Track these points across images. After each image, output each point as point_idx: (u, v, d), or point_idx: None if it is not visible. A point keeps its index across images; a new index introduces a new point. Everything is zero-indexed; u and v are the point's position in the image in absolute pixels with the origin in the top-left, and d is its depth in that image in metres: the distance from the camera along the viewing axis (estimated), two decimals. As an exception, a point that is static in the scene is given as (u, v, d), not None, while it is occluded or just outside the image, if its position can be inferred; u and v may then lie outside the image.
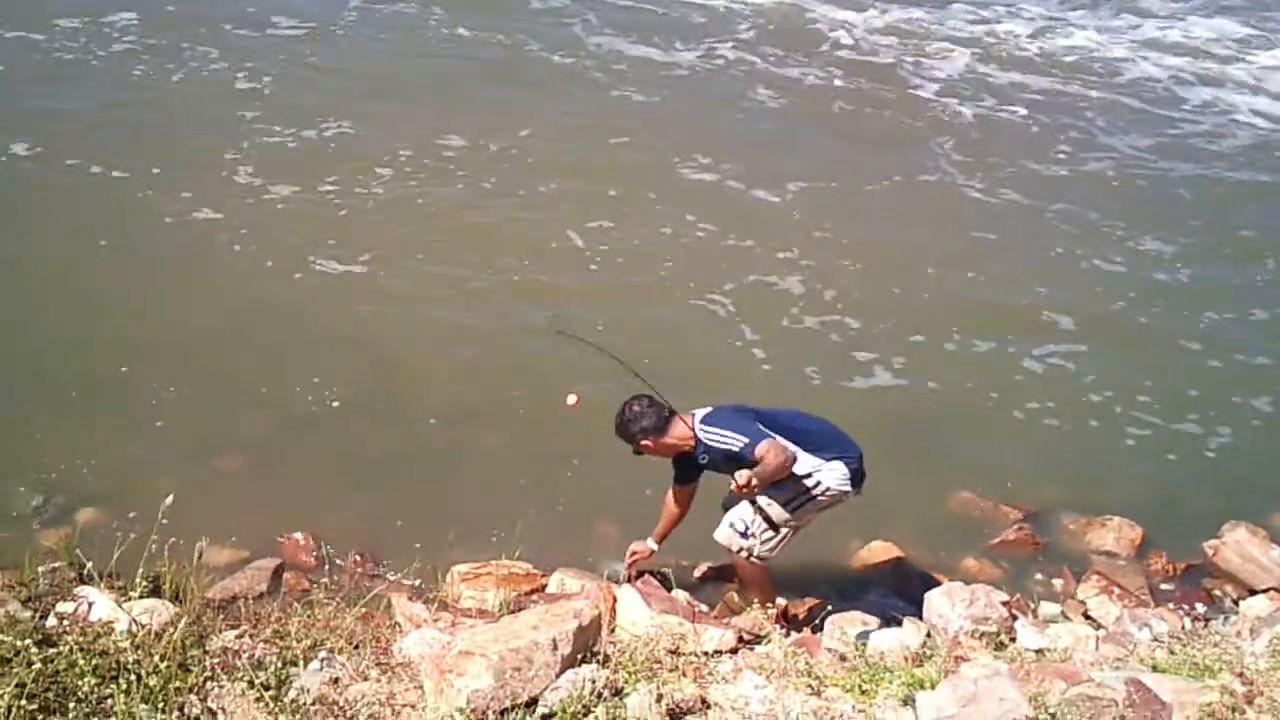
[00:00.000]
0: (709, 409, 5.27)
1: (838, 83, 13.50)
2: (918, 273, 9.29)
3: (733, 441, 5.05)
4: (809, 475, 5.22)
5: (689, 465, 5.39)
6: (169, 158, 9.87)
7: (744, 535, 5.32)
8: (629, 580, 5.42)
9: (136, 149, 9.99)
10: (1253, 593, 6.20)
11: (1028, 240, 10.12)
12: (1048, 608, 5.94)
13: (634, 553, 5.61)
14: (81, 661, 3.76)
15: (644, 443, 5.26)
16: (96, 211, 9.02)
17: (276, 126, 10.67)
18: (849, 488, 5.27)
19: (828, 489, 5.23)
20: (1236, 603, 6.15)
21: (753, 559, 5.40)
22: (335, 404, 7.10)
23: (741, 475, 4.90)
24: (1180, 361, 8.49)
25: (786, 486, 5.21)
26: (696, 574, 6.04)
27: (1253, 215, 10.97)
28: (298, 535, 6.01)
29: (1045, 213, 10.62)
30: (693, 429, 5.20)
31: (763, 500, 5.24)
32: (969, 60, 14.64)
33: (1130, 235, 10.24)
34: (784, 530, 5.32)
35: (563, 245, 9.24)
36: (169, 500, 4.91)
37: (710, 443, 5.14)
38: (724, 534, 5.42)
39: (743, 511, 5.34)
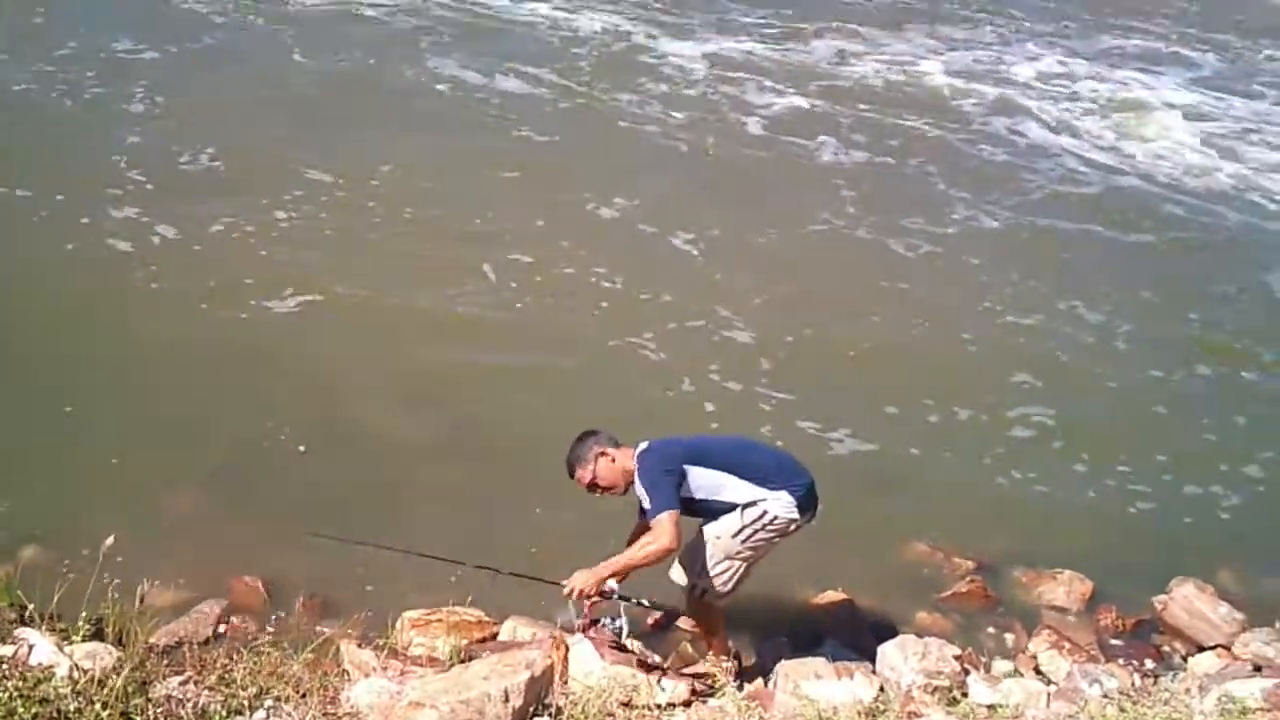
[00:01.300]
0: (646, 444, 5.31)
1: (677, 115, 13.45)
2: (856, 326, 9.30)
3: (644, 498, 5.15)
4: (753, 504, 5.21)
5: None
6: (68, 185, 9.79)
7: (697, 572, 5.30)
8: (583, 630, 5.36)
9: (40, 174, 9.92)
10: (1200, 649, 6.24)
11: (950, 294, 10.10)
12: (1000, 664, 5.95)
13: (592, 599, 5.48)
14: (21, 709, 3.68)
15: (595, 466, 5.28)
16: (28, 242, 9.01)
17: (155, 157, 10.59)
18: (797, 515, 5.26)
19: (775, 517, 5.22)
20: (1185, 659, 6.19)
21: (707, 597, 5.38)
22: (285, 442, 7.03)
23: (577, 577, 5.11)
24: (1128, 416, 8.58)
25: (734, 516, 5.22)
26: (649, 623, 6.00)
27: (1150, 272, 10.92)
28: (246, 577, 5.90)
29: (957, 267, 10.57)
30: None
31: (712, 531, 5.26)
32: (813, 95, 14.64)
33: (1045, 292, 10.20)
34: (737, 563, 5.29)
35: (478, 282, 9.25)
36: (109, 541, 4.85)
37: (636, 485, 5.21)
38: (677, 572, 5.42)
39: (694, 545, 5.32)
